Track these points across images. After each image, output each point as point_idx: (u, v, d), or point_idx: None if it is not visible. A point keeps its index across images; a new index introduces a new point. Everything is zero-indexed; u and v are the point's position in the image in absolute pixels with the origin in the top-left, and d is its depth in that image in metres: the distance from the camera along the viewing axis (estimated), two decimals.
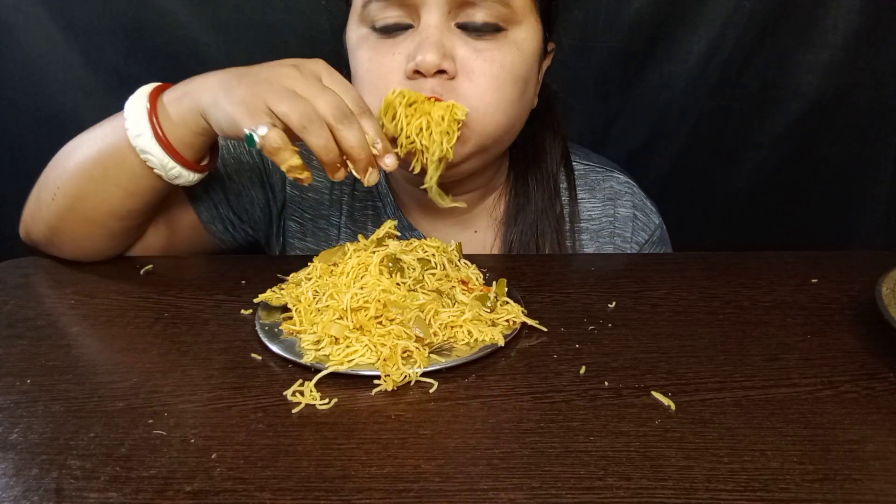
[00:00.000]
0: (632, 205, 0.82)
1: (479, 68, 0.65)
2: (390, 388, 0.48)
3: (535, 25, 0.69)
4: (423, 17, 0.65)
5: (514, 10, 0.66)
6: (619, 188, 0.83)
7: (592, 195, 0.83)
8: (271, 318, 0.57)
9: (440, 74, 0.64)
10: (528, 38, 0.68)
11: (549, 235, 0.78)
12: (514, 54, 0.67)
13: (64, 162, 0.67)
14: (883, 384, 0.49)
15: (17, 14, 1.01)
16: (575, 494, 0.38)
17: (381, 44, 0.67)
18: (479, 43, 0.65)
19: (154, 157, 0.62)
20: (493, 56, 0.66)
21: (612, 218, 0.82)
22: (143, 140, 0.62)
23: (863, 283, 0.64)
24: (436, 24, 0.64)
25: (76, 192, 0.66)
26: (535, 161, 0.80)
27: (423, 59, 0.63)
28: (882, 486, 0.39)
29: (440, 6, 0.64)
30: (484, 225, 0.82)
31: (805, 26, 1.03)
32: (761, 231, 1.17)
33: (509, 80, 0.67)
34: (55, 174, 0.67)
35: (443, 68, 0.64)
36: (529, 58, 0.69)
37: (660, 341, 0.55)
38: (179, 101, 0.62)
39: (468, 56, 0.65)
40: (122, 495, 0.38)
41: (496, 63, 0.65)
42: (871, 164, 1.11)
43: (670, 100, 1.08)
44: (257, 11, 1.03)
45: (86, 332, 0.58)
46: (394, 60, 0.66)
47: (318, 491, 0.38)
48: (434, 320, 0.53)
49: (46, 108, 1.06)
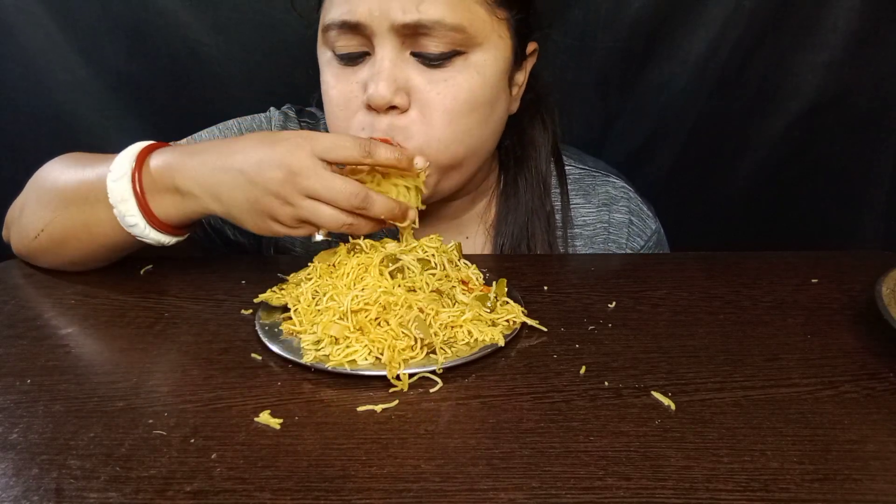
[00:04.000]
0: (627, 210, 0.81)
1: (434, 101, 0.64)
2: (405, 388, 0.48)
3: (500, 43, 0.67)
4: (377, 48, 0.64)
5: (472, 33, 0.64)
6: (614, 193, 0.82)
7: (587, 200, 0.81)
8: (271, 318, 0.57)
9: (393, 110, 0.64)
10: (491, 59, 0.66)
11: (539, 236, 0.77)
12: (474, 80, 0.65)
13: (48, 203, 0.66)
14: (883, 384, 0.49)
15: (18, 14, 1.01)
16: (575, 494, 0.38)
17: (342, 71, 0.67)
18: (434, 73, 0.64)
19: (137, 228, 0.61)
20: (448, 87, 0.64)
21: (606, 224, 0.81)
22: (126, 206, 0.60)
23: (863, 283, 0.64)
24: (389, 57, 0.63)
25: (60, 240, 0.65)
26: (524, 160, 0.79)
27: (374, 94, 0.63)
28: (882, 486, 0.39)
29: (392, 38, 0.63)
30: (475, 230, 0.81)
31: (805, 26, 1.03)
32: (761, 231, 1.17)
33: (466, 110, 0.66)
34: (39, 212, 0.66)
35: (394, 104, 0.63)
36: (493, 78, 0.67)
37: (660, 341, 0.55)
38: (161, 177, 0.60)
39: (423, 87, 0.64)
40: (122, 495, 0.38)
41: (449, 95, 0.64)
42: (871, 164, 1.12)
43: (670, 100, 1.08)
44: (257, 11, 1.03)
45: (86, 332, 0.58)
46: (353, 89, 0.66)
47: (318, 491, 0.38)
48: (434, 320, 0.53)
49: (46, 108, 1.06)
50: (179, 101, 1.07)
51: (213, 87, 1.07)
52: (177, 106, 1.08)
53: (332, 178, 0.55)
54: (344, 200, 0.55)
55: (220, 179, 0.58)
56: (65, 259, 0.67)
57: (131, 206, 0.60)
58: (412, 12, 0.61)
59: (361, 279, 0.56)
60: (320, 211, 0.56)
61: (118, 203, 0.60)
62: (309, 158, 0.55)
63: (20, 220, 0.68)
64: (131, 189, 0.60)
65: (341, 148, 0.56)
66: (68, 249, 0.66)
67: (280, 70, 1.06)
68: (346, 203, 0.56)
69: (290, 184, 0.55)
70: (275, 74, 1.06)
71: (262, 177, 0.56)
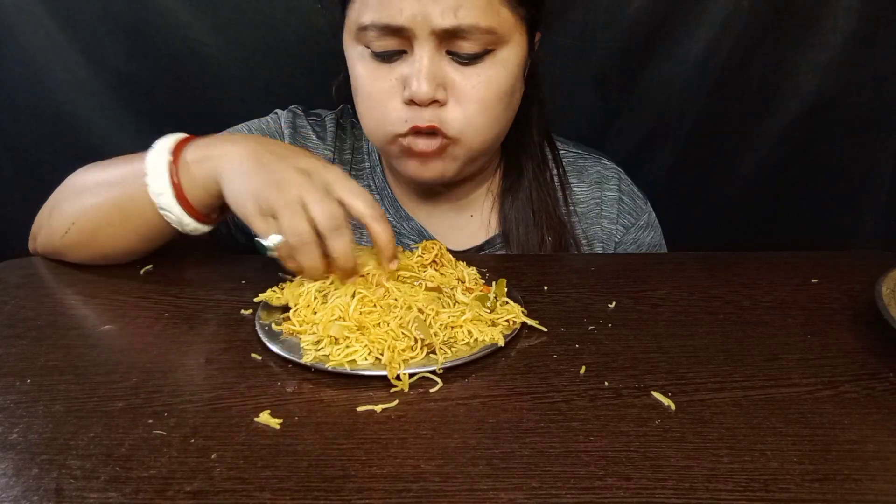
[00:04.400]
0: (618, 188, 0.86)
1: (469, 94, 0.70)
2: (406, 388, 0.48)
3: (520, 39, 0.72)
4: (416, 49, 0.68)
5: (501, 34, 0.69)
6: (606, 173, 0.87)
7: (581, 179, 0.86)
8: (271, 318, 0.57)
9: (434, 103, 0.69)
10: (514, 53, 0.72)
11: (543, 201, 0.82)
12: (501, 73, 0.71)
13: (79, 197, 0.67)
14: (883, 384, 0.49)
15: (18, 14, 1.01)
16: (574, 494, 0.38)
17: (379, 67, 0.71)
18: (468, 69, 0.70)
19: (173, 214, 0.63)
20: (481, 80, 0.70)
21: (599, 200, 0.86)
22: (164, 199, 0.62)
23: (863, 283, 0.64)
24: (429, 56, 0.68)
25: (91, 232, 0.67)
26: (522, 135, 0.83)
27: (418, 92, 0.68)
28: (882, 486, 0.39)
29: (431, 40, 0.67)
30: (479, 207, 0.85)
31: (805, 26, 1.03)
32: (761, 231, 1.17)
33: (496, 99, 0.71)
34: (69, 208, 0.68)
35: (435, 98, 0.69)
36: (515, 70, 0.72)
37: (660, 341, 0.55)
38: (199, 165, 0.62)
39: (458, 82, 0.70)
40: (122, 495, 0.38)
41: (482, 88, 0.70)
42: (871, 164, 1.12)
43: (670, 100, 1.08)
44: (257, 12, 1.03)
45: (86, 332, 0.58)
46: (391, 85, 0.70)
47: (318, 491, 0.38)
48: (434, 321, 0.53)
49: (47, 108, 1.06)
50: (179, 101, 1.07)
51: (213, 87, 1.07)
52: (177, 106, 1.08)
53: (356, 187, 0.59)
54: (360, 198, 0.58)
55: (250, 165, 0.60)
56: (96, 251, 0.68)
57: (169, 199, 0.62)
58: (450, 18, 0.66)
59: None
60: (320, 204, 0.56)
61: (150, 171, 0.62)
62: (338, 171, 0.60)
63: (49, 222, 0.69)
64: (169, 181, 0.62)
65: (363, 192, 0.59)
66: (100, 242, 0.67)
67: (280, 70, 1.06)
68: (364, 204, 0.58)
69: (314, 175, 0.58)
70: (275, 74, 1.06)
71: (288, 174, 0.58)
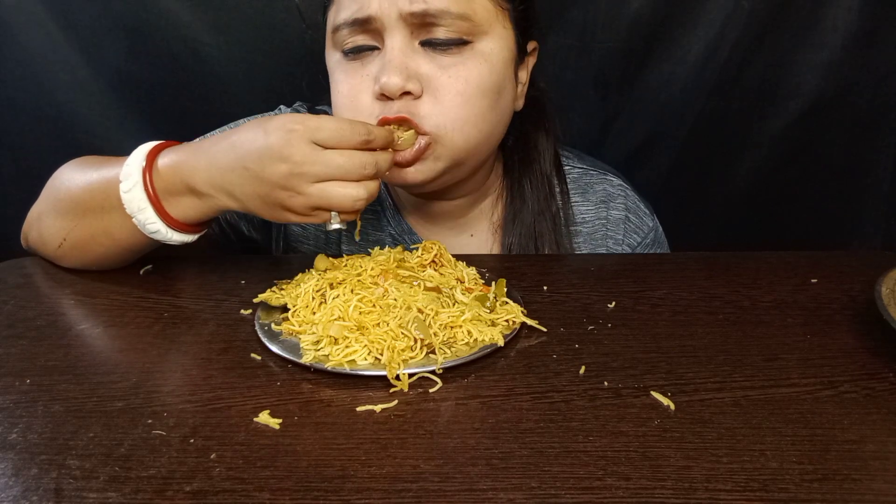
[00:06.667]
0: (624, 207, 0.83)
1: (445, 85, 0.66)
2: (405, 388, 0.48)
3: (504, 33, 0.69)
4: (386, 40, 0.66)
5: (477, 22, 0.66)
6: (612, 191, 0.84)
7: (586, 198, 0.83)
8: (271, 318, 0.57)
9: (406, 96, 0.65)
10: (497, 47, 0.68)
11: (546, 236, 0.79)
12: (482, 66, 0.67)
13: (65, 214, 0.66)
14: (883, 384, 0.49)
15: (18, 14, 1.02)
16: (574, 494, 0.38)
17: (351, 66, 0.68)
18: (444, 59, 0.66)
19: (161, 233, 0.62)
20: (459, 71, 0.66)
21: (604, 220, 0.83)
22: (151, 226, 0.62)
23: (863, 283, 0.64)
24: (399, 47, 0.65)
25: (82, 248, 0.67)
26: (529, 163, 0.80)
27: (387, 82, 0.64)
28: (882, 486, 0.39)
29: (401, 28, 0.65)
30: (481, 228, 0.83)
31: (805, 26, 1.03)
32: (761, 231, 1.17)
33: (477, 94, 0.67)
34: (58, 223, 0.67)
35: (407, 90, 0.65)
36: (499, 66, 0.69)
37: (659, 341, 0.55)
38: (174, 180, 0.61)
39: (433, 74, 0.66)
40: (122, 495, 0.38)
41: (461, 78, 0.66)
42: (871, 164, 1.11)
43: (669, 100, 1.08)
44: (258, 12, 1.03)
45: (85, 332, 0.58)
46: (363, 82, 0.67)
47: (318, 491, 0.38)
48: (434, 321, 0.53)
49: (46, 107, 1.07)
50: (179, 101, 1.08)
51: (213, 87, 1.07)
52: (177, 106, 1.08)
53: (333, 157, 0.56)
54: (356, 174, 0.56)
55: (229, 178, 0.58)
56: (90, 261, 0.68)
57: (150, 214, 0.61)
58: (419, 2, 0.63)
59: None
60: (330, 194, 0.56)
61: (136, 213, 0.61)
62: (307, 146, 0.55)
63: (40, 227, 0.69)
64: (146, 197, 0.60)
65: (341, 139, 0.57)
66: (91, 254, 0.67)
67: (280, 70, 1.06)
68: (358, 176, 0.56)
69: (295, 176, 0.55)
70: (275, 74, 1.06)
71: (266, 172, 0.56)
